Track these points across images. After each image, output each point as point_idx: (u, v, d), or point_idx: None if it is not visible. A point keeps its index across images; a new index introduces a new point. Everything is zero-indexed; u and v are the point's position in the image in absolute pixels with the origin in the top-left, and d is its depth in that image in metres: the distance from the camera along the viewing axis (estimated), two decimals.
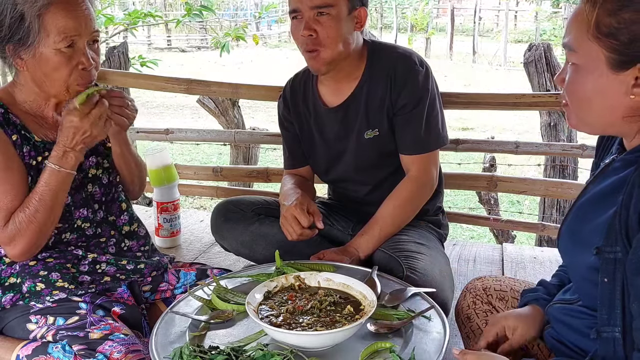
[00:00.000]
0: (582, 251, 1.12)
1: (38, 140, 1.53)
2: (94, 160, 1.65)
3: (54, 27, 1.43)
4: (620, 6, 1.00)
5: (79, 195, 1.59)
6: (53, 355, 1.37)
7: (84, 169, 1.62)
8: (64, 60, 1.46)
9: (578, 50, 1.06)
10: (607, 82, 1.04)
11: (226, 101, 3.99)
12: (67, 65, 1.46)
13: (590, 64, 1.05)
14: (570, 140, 3.42)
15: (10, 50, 1.47)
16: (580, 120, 1.12)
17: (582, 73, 1.07)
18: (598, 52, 1.03)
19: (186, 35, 21.25)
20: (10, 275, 1.54)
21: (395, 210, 1.83)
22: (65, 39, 1.44)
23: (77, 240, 1.60)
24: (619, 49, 1.01)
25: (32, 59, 1.47)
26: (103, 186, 1.66)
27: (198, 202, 5.80)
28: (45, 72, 1.47)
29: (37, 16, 1.43)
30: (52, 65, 1.46)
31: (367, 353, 1.23)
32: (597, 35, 1.03)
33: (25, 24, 1.43)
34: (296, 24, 1.76)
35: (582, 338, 1.16)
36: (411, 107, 1.81)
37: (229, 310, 1.44)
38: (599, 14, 1.02)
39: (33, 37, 1.44)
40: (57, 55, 1.45)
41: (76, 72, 1.48)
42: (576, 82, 1.08)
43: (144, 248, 1.74)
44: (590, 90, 1.06)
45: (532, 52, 3.43)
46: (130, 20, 4.51)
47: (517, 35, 21.12)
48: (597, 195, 1.14)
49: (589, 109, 1.09)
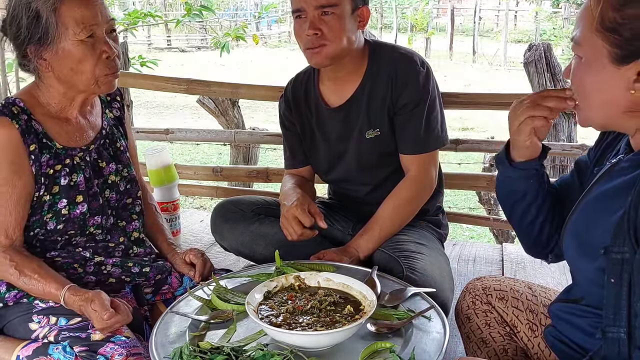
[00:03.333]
0: (587, 252, 1.12)
1: (59, 147, 1.53)
2: (113, 167, 1.65)
3: (72, 18, 1.43)
4: (625, 2, 1.02)
5: (95, 202, 1.57)
6: (53, 356, 1.36)
7: (103, 175, 1.62)
8: (88, 50, 1.45)
9: (583, 44, 1.08)
10: (608, 76, 1.05)
11: (226, 101, 4.00)
12: (92, 55, 1.46)
13: (593, 58, 1.06)
14: (570, 140, 3.43)
15: (32, 52, 1.46)
16: (587, 115, 1.13)
17: (585, 66, 1.09)
18: (601, 47, 1.04)
19: (186, 35, 21.24)
20: None
21: (395, 210, 1.83)
22: (85, 28, 1.43)
23: (86, 243, 1.60)
24: (621, 44, 1.02)
25: (55, 57, 1.45)
26: (119, 193, 1.66)
27: (198, 202, 5.79)
28: (72, 67, 1.46)
29: (52, 11, 1.42)
30: (77, 57, 1.45)
31: (367, 353, 1.23)
32: (601, 29, 1.04)
33: (42, 21, 1.42)
34: (300, 23, 1.76)
35: (585, 337, 1.16)
36: (411, 107, 1.81)
37: (229, 310, 1.44)
38: (603, 9, 1.03)
39: (52, 33, 1.43)
40: (80, 46, 1.44)
41: (101, 62, 1.47)
42: (579, 74, 1.10)
43: (151, 256, 1.73)
44: (592, 83, 1.08)
45: (532, 52, 3.44)
46: (130, 20, 4.51)
47: (517, 35, 21.12)
48: (604, 196, 1.14)
49: (591, 102, 1.10)
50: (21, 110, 1.48)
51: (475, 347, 1.44)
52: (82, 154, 1.57)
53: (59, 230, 1.52)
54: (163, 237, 1.81)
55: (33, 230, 1.51)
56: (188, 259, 1.72)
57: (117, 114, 1.74)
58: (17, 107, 1.48)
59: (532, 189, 1.31)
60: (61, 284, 1.43)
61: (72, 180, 1.53)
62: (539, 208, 1.33)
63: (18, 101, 1.50)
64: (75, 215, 1.53)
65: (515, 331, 1.41)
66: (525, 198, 1.32)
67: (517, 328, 1.41)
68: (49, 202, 1.51)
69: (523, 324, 1.40)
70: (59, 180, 1.51)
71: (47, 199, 1.50)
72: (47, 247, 1.55)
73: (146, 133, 3.22)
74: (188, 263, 1.72)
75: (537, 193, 1.32)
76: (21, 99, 1.51)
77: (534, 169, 1.30)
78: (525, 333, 1.40)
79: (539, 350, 1.36)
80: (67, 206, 1.52)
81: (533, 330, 1.39)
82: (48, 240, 1.54)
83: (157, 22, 5.33)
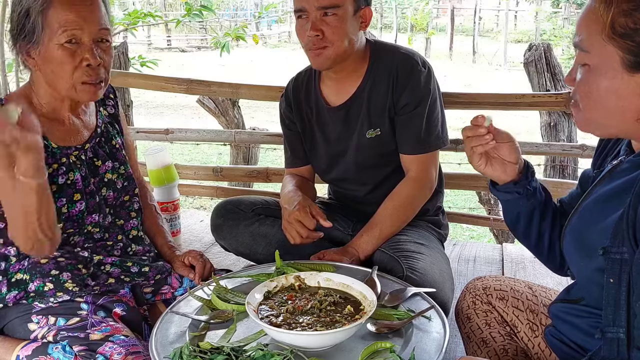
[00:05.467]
0: (587, 252, 1.11)
1: (55, 147, 1.52)
2: (110, 165, 1.65)
3: (56, 21, 1.43)
4: (636, 7, 0.99)
5: (92, 200, 1.57)
6: (53, 355, 1.36)
7: (99, 173, 1.62)
8: (67, 55, 1.44)
9: (591, 51, 1.05)
10: (621, 83, 1.03)
11: (226, 101, 3.99)
12: (71, 60, 1.45)
13: (605, 65, 1.03)
14: (570, 140, 3.42)
15: (21, 49, 1.47)
16: (592, 121, 1.11)
17: (596, 74, 1.05)
18: (613, 53, 1.02)
19: (186, 35, 21.25)
20: (18, 271, 1.52)
21: (395, 210, 1.83)
22: (66, 32, 1.43)
23: (84, 242, 1.59)
24: (634, 49, 1.00)
25: (40, 57, 1.46)
26: (117, 190, 1.66)
27: (198, 202, 5.79)
28: (52, 70, 1.46)
29: (40, 12, 1.42)
30: (57, 60, 1.45)
31: (367, 353, 1.23)
32: (613, 36, 1.01)
33: (30, 20, 1.43)
34: (302, 23, 1.76)
35: (585, 337, 1.16)
36: (412, 107, 1.81)
37: (229, 310, 1.44)
38: (614, 15, 1.00)
39: (38, 34, 1.43)
40: (60, 50, 1.44)
41: (81, 69, 1.46)
42: (589, 82, 1.07)
43: (150, 254, 1.73)
44: (604, 91, 1.04)
45: (532, 52, 3.43)
46: (130, 20, 4.50)
47: (517, 35, 21.12)
48: (604, 197, 1.14)
49: (602, 110, 1.07)
50: None
51: (475, 347, 1.44)
52: (78, 153, 1.57)
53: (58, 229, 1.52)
54: (163, 240, 1.80)
55: None
56: (187, 261, 1.72)
57: (112, 111, 1.74)
58: None
59: (525, 208, 1.33)
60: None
61: (69, 178, 1.53)
62: (540, 225, 1.34)
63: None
64: (74, 213, 1.53)
65: (515, 331, 1.41)
66: (520, 218, 1.35)
67: (517, 328, 1.41)
68: None
69: (523, 324, 1.40)
70: (56, 179, 1.51)
71: None
72: None
73: (146, 133, 3.22)
74: (187, 265, 1.71)
75: (532, 211, 1.33)
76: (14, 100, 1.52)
77: (514, 191, 1.32)
78: (525, 333, 1.40)
79: (539, 351, 1.36)
80: (66, 204, 1.52)
81: (533, 330, 1.39)
82: None
83: (157, 22, 5.32)
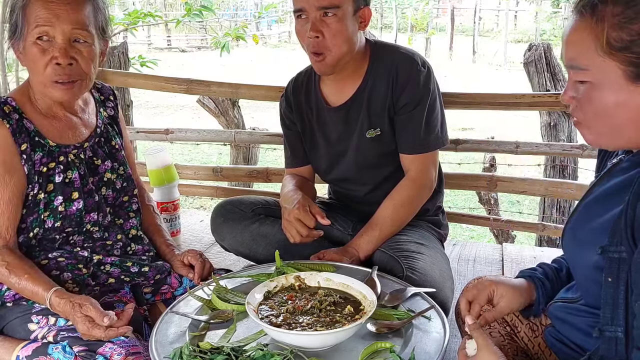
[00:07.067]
0: (586, 250, 1.11)
1: (53, 145, 1.53)
2: (109, 165, 1.65)
3: (32, 17, 1.44)
4: (628, 19, 0.99)
5: (91, 199, 1.58)
6: (53, 356, 1.36)
7: (99, 173, 1.62)
8: (38, 52, 1.45)
9: (590, 68, 1.04)
10: (628, 96, 1.01)
11: (226, 101, 3.99)
12: (41, 58, 1.45)
13: (607, 80, 1.02)
14: (570, 140, 3.43)
15: (12, 45, 1.49)
16: (600, 135, 1.09)
17: (599, 90, 1.04)
18: (613, 67, 1.01)
19: (186, 35, 21.24)
20: None
21: (395, 210, 1.83)
22: (37, 28, 1.43)
23: (84, 242, 1.59)
24: (635, 61, 0.99)
25: (22, 53, 1.48)
26: (116, 190, 1.66)
27: (198, 202, 5.79)
28: (29, 66, 1.49)
29: (21, 7, 1.45)
30: (30, 57, 1.46)
31: (367, 353, 1.23)
32: (610, 50, 1.00)
33: (13, 16, 1.46)
34: (301, 23, 1.76)
35: (583, 336, 1.16)
36: (412, 107, 1.81)
37: (229, 310, 1.44)
38: (608, 30, 1.00)
39: (19, 30, 1.45)
40: (33, 47, 1.45)
41: (50, 67, 1.46)
42: (594, 100, 1.05)
43: (149, 254, 1.73)
44: (612, 106, 1.03)
45: (532, 52, 3.44)
46: (130, 20, 4.51)
47: (517, 35, 21.11)
48: (603, 195, 1.14)
49: (612, 125, 1.05)
50: (13, 110, 1.49)
51: None
52: (76, 152, 1.58)
53: (56, 228, 1.52)
54: (162, 239, 1.80)
55: (32, 230, 1.51)
56: (186, 261, 1.71)
57: (112, 112, 1.75)
58: (9, 107, 1.49)
59: (552, 292, 1.33)
60: (48, 286, 1.41)
61: (67, 177, 1.54)
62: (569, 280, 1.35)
63: (10, 100, 1.51)
64: (72, 212, 1.53)
65: (515, 331, 1.41)
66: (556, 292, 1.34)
67: (517, 328, 1.41)
68: (45, 200, 1.51)
69: (523, 324, 1.40)
70: (53, 177, 1.52)
71: (42, 197, 1.50)
72: (46, 247, 1.55)
73: (146, 133, 3.22)
74: (186, 265, 1.71)
75: (560, 288, 1.33)
76: (13, 97, 1.53)
77: (532, 314, 1.34)
78: (525, 333, 1.40)
79: (540, 351, 1.36)
80: (63, 203, 1.52)
81: (533, 330, 1.39)
82: (46, 239, 1.54)
83: (157, 22, 5.33)
